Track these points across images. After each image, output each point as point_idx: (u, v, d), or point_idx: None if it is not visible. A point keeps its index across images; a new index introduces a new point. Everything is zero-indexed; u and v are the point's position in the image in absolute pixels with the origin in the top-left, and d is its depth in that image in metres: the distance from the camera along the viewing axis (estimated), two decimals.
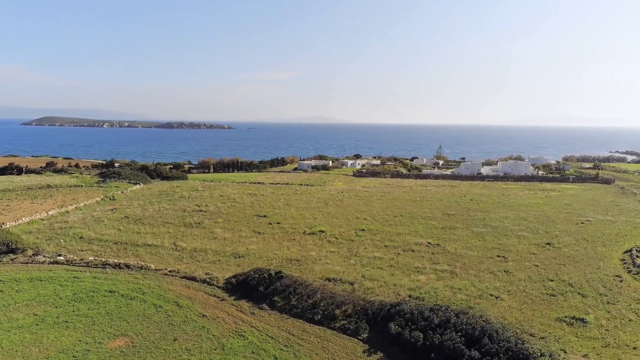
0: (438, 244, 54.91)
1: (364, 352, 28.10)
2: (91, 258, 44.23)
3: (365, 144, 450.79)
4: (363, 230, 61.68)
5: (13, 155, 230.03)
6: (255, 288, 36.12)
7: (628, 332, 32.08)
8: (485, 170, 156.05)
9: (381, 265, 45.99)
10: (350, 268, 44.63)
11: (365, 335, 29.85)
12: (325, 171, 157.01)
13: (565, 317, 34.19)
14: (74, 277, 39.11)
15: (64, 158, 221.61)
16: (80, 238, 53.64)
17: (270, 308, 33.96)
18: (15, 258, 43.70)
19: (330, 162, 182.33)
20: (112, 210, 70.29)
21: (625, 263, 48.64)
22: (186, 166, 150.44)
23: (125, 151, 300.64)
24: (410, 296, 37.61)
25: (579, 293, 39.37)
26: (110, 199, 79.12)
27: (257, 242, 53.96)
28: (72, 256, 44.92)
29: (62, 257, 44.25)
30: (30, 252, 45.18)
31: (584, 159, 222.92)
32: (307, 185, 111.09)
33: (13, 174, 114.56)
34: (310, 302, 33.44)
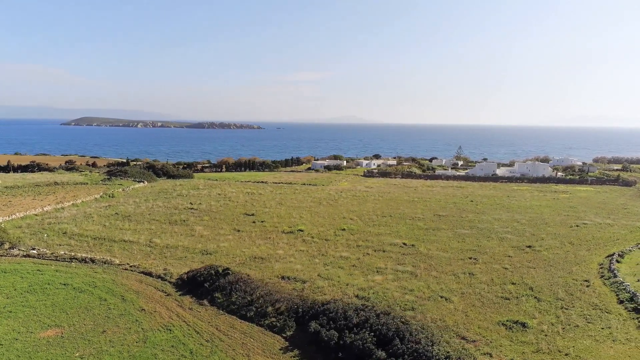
0: (413, 245, 54.30)
1: (281, 349, 28.27)
2: (62, 252, 46.01)
3: (392, 145, 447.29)
4: (343, 230, 61.59)
5: (44, 154, 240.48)
6: (201, 284, 36.81)
7: (568, 338, 31.03)
8: (501, 172, 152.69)
9: (344, 265, 45.90)
10: (311, 267, 44.75)
11: (289, 333, 30.01)
12: (338, 171, 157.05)
13: (508, 321, 33.35)
14: (38, 269, 40.82)
15: (92, 157, 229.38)
16: (64, 233, 55.74)
17: (210, 304, 34.54)
18: None
19: (345, 162, 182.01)
20: (106, 207, 72.63)
21: (601, 268, 46.93)
22: (199, 165, 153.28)
23: (152, 150, 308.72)
24: (357, 296, 37.46)
25: (535, 297, 38.27)
26: (109, 197, 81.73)
27: (232, 240, 54.71)
28: (45, 250, 46.85)
29: (34, 251, 46.21)
30: (7, 246, 47.37)
31: (616, 161, 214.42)
32: (310, 184, 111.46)
33: (34, 171, 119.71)
34: (248, 299, 33.83)
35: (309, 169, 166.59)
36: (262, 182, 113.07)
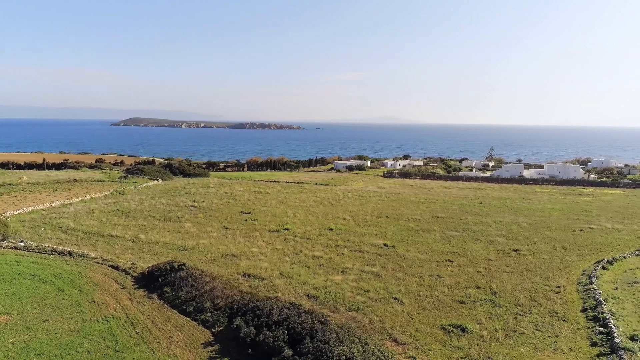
0: (393, 246, 53.56)
1: (203, 343, 28.79)
2: (46, 245, 48.56)
3: (428, 145, 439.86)
4: (331, 229, 61.50)
5: (86, 153, 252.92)
6: (156, 279, 37.93)
7: (505, 345, 29.88)
8: (529, 173, 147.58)
9: (311, 264, 45.93)
10: (277, 265, 45.06)
11: (219, 329, 30.49)
12: (359, 171, 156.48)
13: (450, 325, 32.46)
14: (16, 261, 43.29)
15: (129, 156, 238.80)
16: (60, 228, 58.65)
17: (159, 298, 35.58)
18: None
19: (369, 162, 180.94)
20: (112, 203, 75.71)
21: (584, 274, 44.70)
22: (222, 164, 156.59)
23: (188, 150, 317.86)
24: (307, 295, 37.52)
25: (493, 302, 37.00)
26: (119, 193, 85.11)
27: (214, 237, 55.80)
28: (32, 243, 49.58)
29: (22, 244, 49.00)
30: None
31: None
32: (322, 184, 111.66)
33: (61, 169, 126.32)
34: (194, 294, 34.60)
35: (332, 169, 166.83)
36: (275, 181, 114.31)
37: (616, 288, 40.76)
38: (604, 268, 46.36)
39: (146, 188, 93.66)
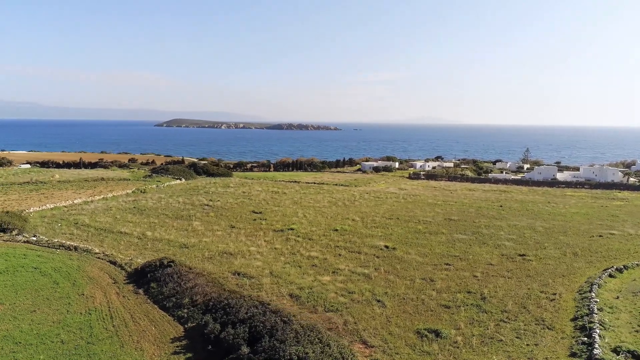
0: (394, 248, 52.91)
1: (172, 338, 29.40)
2: (55, 240, 50.93)
3: (465, 147, 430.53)
4: (336, 230, 61.41)
5: (126, 153, 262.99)
6: (146, 274, 39.11)
7: (477, 352, 29.01)
8: (562, 176, 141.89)
9: (304, 264, 46.03)
10: (270, 265, 45.44)
11: (191, 325, 31.06)
12: (386, 172, 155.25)
13: (425, 329, 31.80)
14: (24, 254, 45.65)
15: (165, 156, 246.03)
16: (75, 224, 61.31)
17: (144, 293, 36.64)
18: (1, 236, 52.05)
19: (397, 163, 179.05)
20: (131, 201, 78.44)
21: (587, 281, 42.69)
22: (249, 165, 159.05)
23: (222, 150, 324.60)
24: (290, 295, 37.72)
25: (480, 307, 35.96)
26: (141, 192, 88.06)
27: (218, 236, 56.83)
28: (43, 238, 52.13)
29: (34, 238, 51.59)
30: (15, 232, 53.35)
31: None
32: (343, 185, 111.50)
33: (92, 168, 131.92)
34: (176, 290, 35.46)
35: (359, 170, 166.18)
36: (296, 181, 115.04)
37: (618, 297, 38.75)
38: (611, 276, 44.17)
39: (168, 187, 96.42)
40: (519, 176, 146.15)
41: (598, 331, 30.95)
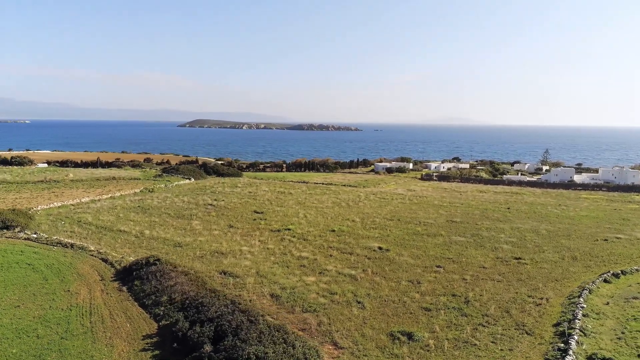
0: (388, 250, 52.51)
1: (144, 335, 29.76)
2: (54, 238, 52.26)
3: (484, 147, 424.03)
4: (333, 231, 61.30)
5: (146, 153, 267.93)
6: (132, 272, 39.80)
7: (448, 356, 28.60)
8: (580, 178, 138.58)
9: (293, 264, 46.12)
10: (258, 264, 45.66)
11: (165, 322, 31.42)
12: (399, 173, 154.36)
13: (400, 331, 31.50)
14: (21, 250, 47.01)
15: (183, 156, 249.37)
16: (78, 222, 62.78)
17: (128, 290, 37.28)
18: (4, 233, 53.75)
19: (411, 164, 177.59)
20: (137, 200, 79.87)
21: (580, 287, 41.55)
22: (261, 165, 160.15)
23: (239, 150, 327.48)
24: (271, 294, 37.85)
25: (461, 310, 35.41)
26: (149, 191, 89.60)
27: (214, 235, 57.36)
28: (44, 235, 53.54)
29: (35, 235, 53.06)
30: (17, 229, 54.97)
31: None
32: (351, 186, 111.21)
33: (106, 167, 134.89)
34: (156, 288, 35.97)
35: (372, 170, 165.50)
36: (305, 182, 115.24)
37: (608, 303, 37.65)
38: (606, 281, 42.96)
39: (177, 187, 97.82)
40: (534, 178, 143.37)
41: (576, 337, 30.15)
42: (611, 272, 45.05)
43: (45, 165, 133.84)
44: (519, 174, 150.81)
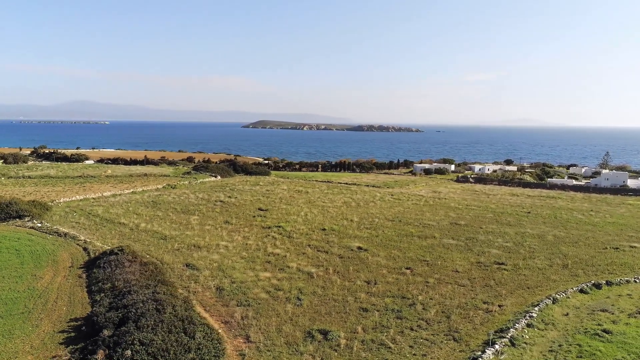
0: (367, 250, 51.62)
1: (73, 318, 31.41)
2: (54, 227, 56.33)
3: (546, 149, 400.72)
4: (323, 229, 61.09)
5: (201, 152, 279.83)
6: (96, 261, 42.19)
7: (354, 356, 27.94)
8: (636, 183, 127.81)
9: (260, 260, 46.62)
10: (225, 258, 46.56)
11: (96, 308, 33.15)
12: (436, 175, 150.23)
13: (318, 329, 31.11)
14: (19, 237, 51.11)
15: (235, 155, 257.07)
16: (89, 214, 67.09)
17: (86, 277, 39.49)
18: (15, 222, 58.73)
19: (453, 166, 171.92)
20: (155, 195, 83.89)
21: (548, 296, 38.69)
22: (297, 165, 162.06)
23: (291, 151, 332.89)
24: (217, 287, 38.65)
25: (400, 313, 34.26)
26: (171, 187, 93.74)
27: (203, 230, 59.02)
28: (47, 224, 57.86)
29: (39, 225, 57.46)
30: (27, 219, 59.84)
31: None
32: (375, 186, 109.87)
33: (151, 164, 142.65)
34: (107, 275, 37.80)
35: (410, 172, 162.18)
36: (329, 181, 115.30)
37: (567, 314, 34.92)
38: (582, 291, 39.77)
39: (200, 184, 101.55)
40: (583, 182, 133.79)
41: (497, 347, 28.24)
42: (592, 282, 41.51)
43: (92, 162, 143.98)
44: (566, 177, 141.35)
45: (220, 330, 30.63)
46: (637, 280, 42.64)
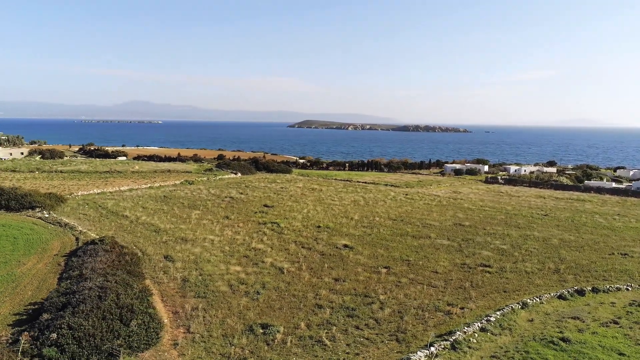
0: (352, 248, 50.97)
1: (33, 302, 32.99)
2: (60, 218, 59.21)
3: (599, 151, 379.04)
4: (318, 227, 60.73)
5: (239, 150, 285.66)
6: (77, 250, 43.98)
7: (282, 352, 27.63)
8: None
9: (238, 254, 47.01)
10: (205, 251, 47.35)
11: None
12: (467, 175, 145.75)
13: (262, 323, 31.09)
14: (22, 226, 54.13)
15: (272, 154, 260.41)
16: (98, 207, 70.03)
17: (64, 265, 41.32)
18: (26, 212, 62.24)
19: (486, 166, 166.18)
20: (169, 190, 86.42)
21: (520, 301, 36.69)
22: (324, 163, 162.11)
23: (325, 150, 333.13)
24: (183, 279, 39.34)
25: (353, 311, 33.57)
26: (188, 183, 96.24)
27: (198, 224, 60.06)
28: (54, 215, 60.95)
29: (47, 215, 60.60)
30: (38, 209, 63.23)
31: None
32: (392, 185, 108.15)
33: (178, 161, 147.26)
34: (79, 263, 39.25)
35: (440, 172, 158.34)
36: (349, 180, 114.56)
37: (532, 320, 33.03)
38: (561, 297, 37.41)
39: (219, 180, 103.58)
40: (623, 186, 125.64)
41: (434, 350, 27.04)
42: (575, 288, 38.95)
43: (124, 158, 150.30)
44: (606, 180, 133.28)
45: (166, 320, 31.21)
46: (629, 288, 39.63)
